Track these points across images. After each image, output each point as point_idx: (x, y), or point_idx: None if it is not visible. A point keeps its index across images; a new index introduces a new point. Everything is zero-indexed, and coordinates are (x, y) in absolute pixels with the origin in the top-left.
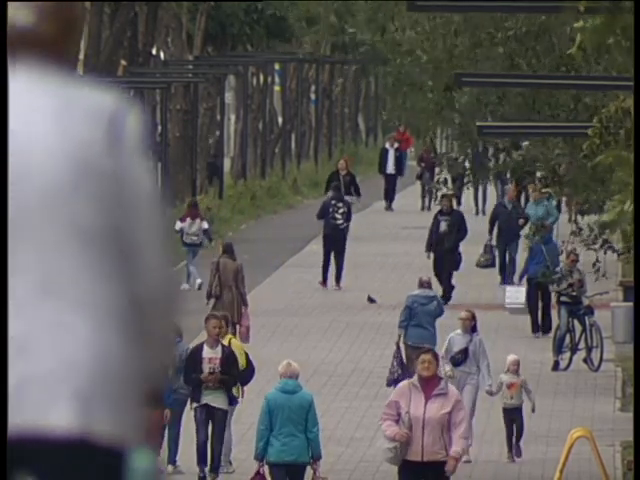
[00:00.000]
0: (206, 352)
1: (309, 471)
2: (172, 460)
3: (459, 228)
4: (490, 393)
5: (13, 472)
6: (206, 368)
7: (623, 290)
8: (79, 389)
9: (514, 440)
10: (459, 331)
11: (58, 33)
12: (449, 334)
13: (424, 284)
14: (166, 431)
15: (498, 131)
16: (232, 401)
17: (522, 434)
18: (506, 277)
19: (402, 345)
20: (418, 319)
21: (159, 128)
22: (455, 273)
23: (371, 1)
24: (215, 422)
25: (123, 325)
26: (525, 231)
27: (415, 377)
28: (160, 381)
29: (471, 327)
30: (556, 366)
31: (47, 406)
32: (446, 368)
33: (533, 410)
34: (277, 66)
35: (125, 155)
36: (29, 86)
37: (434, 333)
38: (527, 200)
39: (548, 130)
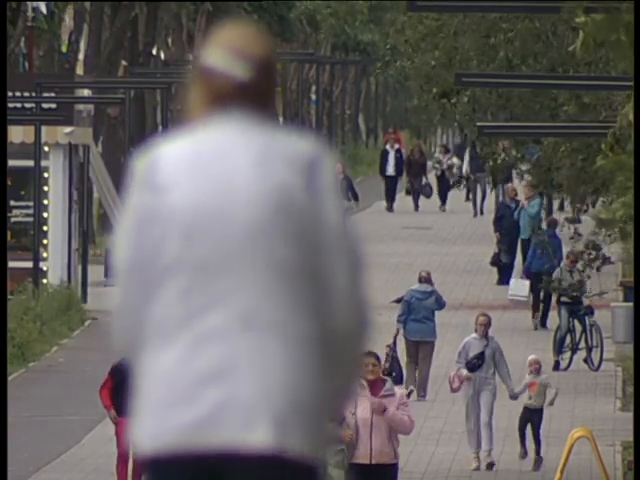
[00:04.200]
0: None
1: None
2: None
3: None
4: (514, 397)
5: None
6: None
7: (623, 290)
8: (276, 412)
9: (534, 448)
10: (475, 335)
11: (267, 86)
12: (464, 337)
13: (422, 279)
14: None
15: (498, 131)
16: None
17: (539, 440)
18: (504, 277)
19: (399, 340)
20: (416, 314)
21: (160, 129)
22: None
23: (372, 1)
24: None
25: (316, 354)
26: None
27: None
28: (344, 403)
29: (487, 331)
30: (556, 366)
31: (246, 427)
32: (462, 372)
33: (551, 403)
34: (277, 66)
35: (321, 197)
36: (236, 133)
37: (433, 327)
38: None
39: (548, 130)
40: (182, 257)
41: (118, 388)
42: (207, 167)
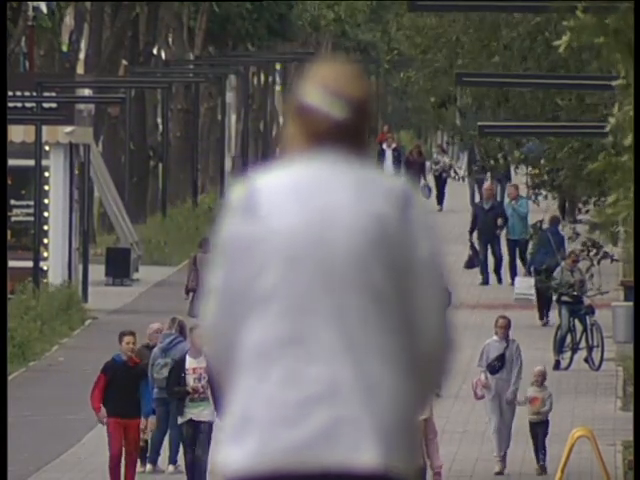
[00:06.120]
0: (189, 363)
1: None
2: (173, 460)
3: None
4: (509, 401)
5: None
6: (190, 380)
7: (624, 290)
8: (382, 431)
9: (539, 457)
10: (495, 338)
11: (362, 126)
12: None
13: None
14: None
15: (498, 131)
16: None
17: (544, 451)
18: (488, 277)
19: None
20: None
21: (160, 128)
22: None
23: (372, 0)
24: (200, 435)
25: (409, 374)
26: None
27: None
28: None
29: (507, 333)
30: (557, 366)
31: (355, 447)
32: (482, 377)
33: (550, 410)
34: (278, 66)
35: (414, 228)
36: (333, 166)
37: None
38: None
39: (548, 130)
40: (282, 283)
41: (111, 386)
42: (306, 198)
